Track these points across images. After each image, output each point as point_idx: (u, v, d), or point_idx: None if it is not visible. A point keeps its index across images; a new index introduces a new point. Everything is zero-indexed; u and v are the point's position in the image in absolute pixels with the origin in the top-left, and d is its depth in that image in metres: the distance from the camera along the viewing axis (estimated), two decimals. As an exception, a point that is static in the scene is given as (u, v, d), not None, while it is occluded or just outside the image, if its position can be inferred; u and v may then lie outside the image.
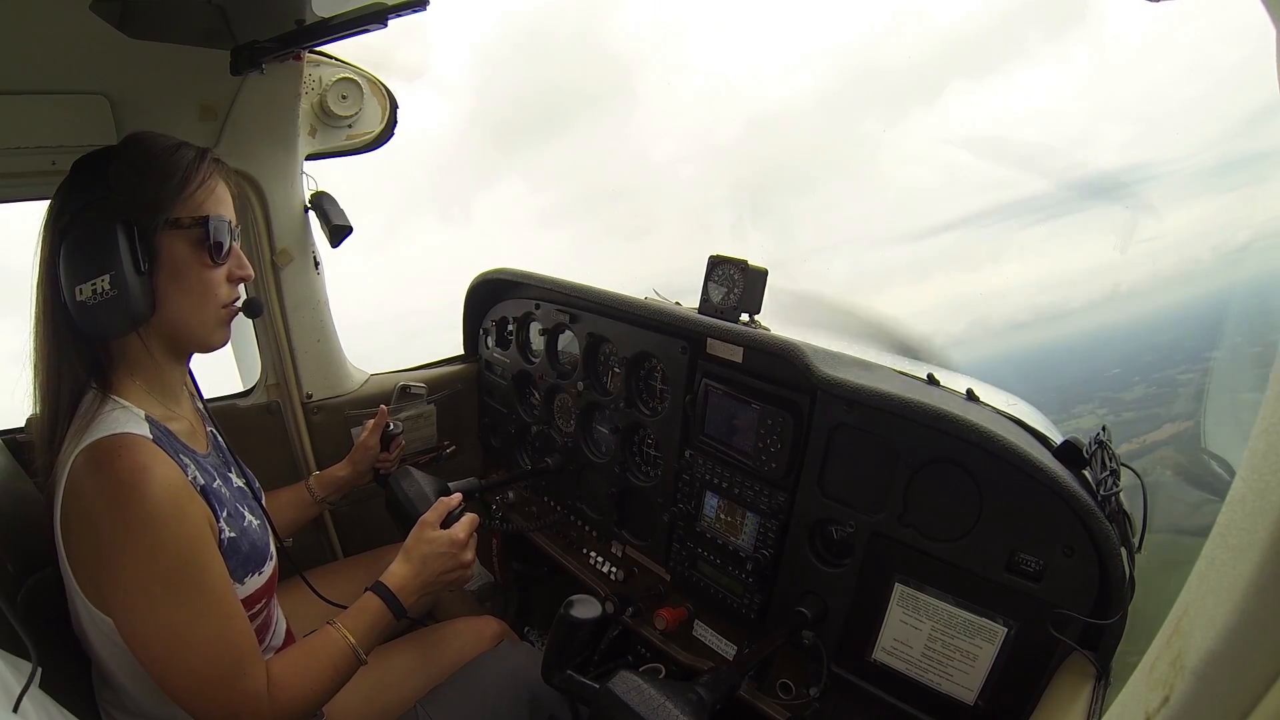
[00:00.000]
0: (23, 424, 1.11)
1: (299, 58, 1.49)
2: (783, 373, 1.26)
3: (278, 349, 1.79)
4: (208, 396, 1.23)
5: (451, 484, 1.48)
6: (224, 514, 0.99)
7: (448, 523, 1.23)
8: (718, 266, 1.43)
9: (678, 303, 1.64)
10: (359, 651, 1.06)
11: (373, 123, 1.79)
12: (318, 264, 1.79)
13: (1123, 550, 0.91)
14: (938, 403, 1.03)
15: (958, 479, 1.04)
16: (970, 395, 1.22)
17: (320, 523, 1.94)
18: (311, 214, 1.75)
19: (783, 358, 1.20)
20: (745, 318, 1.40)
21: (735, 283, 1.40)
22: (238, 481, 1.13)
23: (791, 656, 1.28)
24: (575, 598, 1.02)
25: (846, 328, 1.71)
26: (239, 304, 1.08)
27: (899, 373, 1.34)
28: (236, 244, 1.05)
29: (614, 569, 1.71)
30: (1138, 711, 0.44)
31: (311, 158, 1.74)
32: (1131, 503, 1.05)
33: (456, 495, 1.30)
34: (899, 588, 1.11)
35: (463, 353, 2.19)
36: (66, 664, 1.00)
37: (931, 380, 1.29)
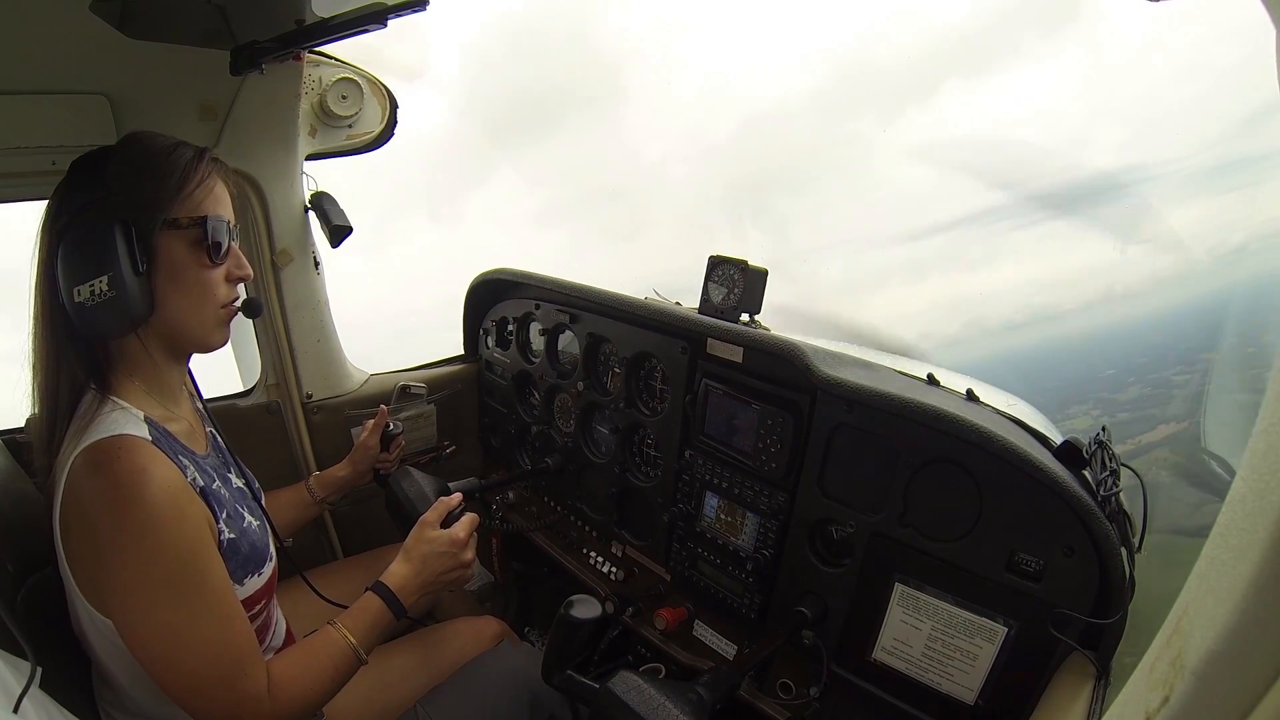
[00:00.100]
0: (23, 424, 1.11)
1: (299, 58, 1.49)
2: (783, 373, 1.26)
3: (278, 349, 1.79)
4: (207, 397, 1.23)
5: (451, 484, 1.48)
6: (223, 515, 0.99)
7: (448, 522, 1.23)
8: (718, 267, 1.43)
9: (678, 303, 1.64)
10: (359, 651, 1.06)
11: (373, 123, 1.79)
12: (318, 264, 1.79)
13: (1123, 550, 0.91)
14: (938, 403, 1.03)
15: (958, 479, 1.04)
16: (970, 395, 1.22)
17: (320, 523, 1.94)
18: (311, 214, 1.75)
19: (783, 358, 1.20)
20: (745, 318, 1.40)
21: (735, 283, 1.40)
22: (237, 482, 1.13)
23: (791, 656, 1.28)
24: (575, 598, 1.02)
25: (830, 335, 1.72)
26: (238, 304, 1.08)
27: (899, 373, 1.34)
28: (235, 244, 1.05)
29: (614, 569, 1.71)
30: (1138, 711, 0.44)
31: (311, 158, 1.74)
32: (1131, 503, 1.05)
33: (456, 495, 1.30)
34: (899, 587, 1.11)
35: (463, 353, 2.19)
36: (66, 664, 0.99)
37: (931, 380, 1.29)
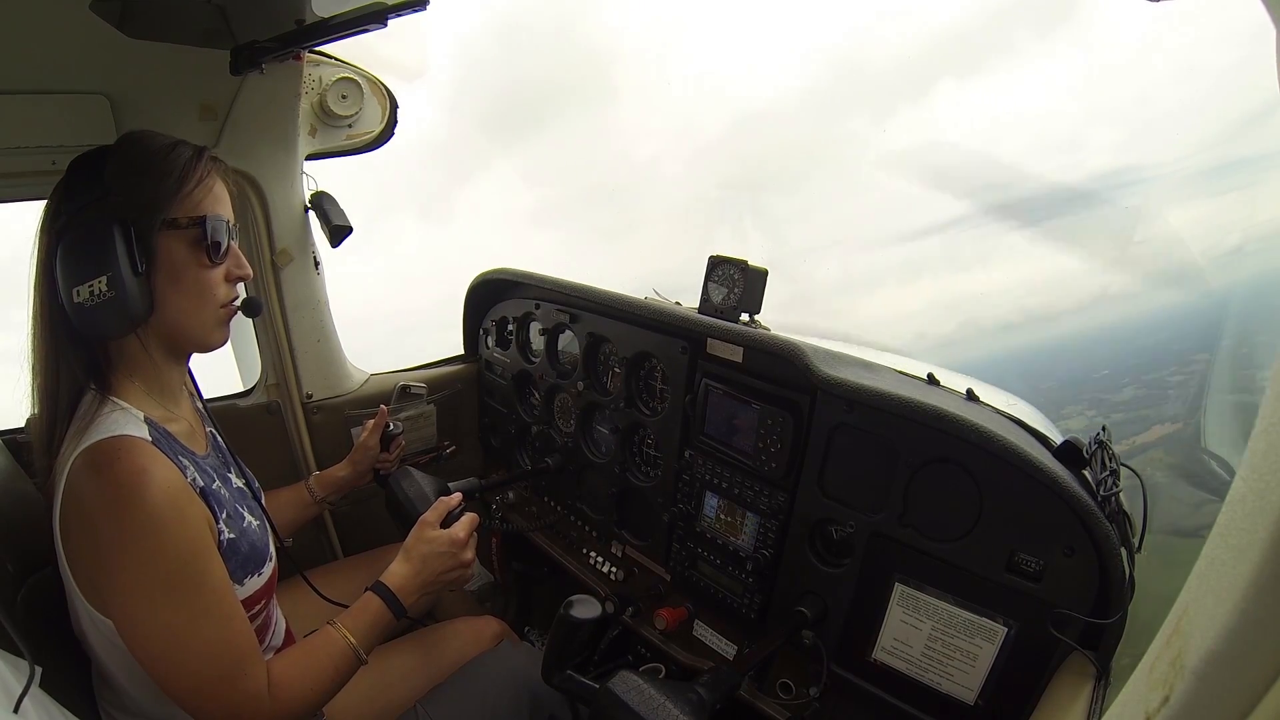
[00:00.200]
0: (23, 424, 1.11)
1: (299, 58, 1.49)
2: (783, 373, 1.26)
3: (278, 349, 1.79)
4: (207, 397, 1.23)
5: (451, 484, 1.48)
6: (223, 515, 0.99)
7: (447, 522, 1.23)
8: (718, 267, 1.43)
9: (678, 302, 1.64)
10: (359, 651, 1.06)
11: (373, 122, 1.79)
12: (318, 264, 1.79)
13: (1123, 550, 0.91)
14: (938, 403, 1.03)
15: (958, 479, 1.04)
16: (970, 395, 1.22)
17: (320, 523, 1.94)
18: (311, 214, 1.75)
19: (783, 358, 1.20)
20: (745, 318, 1.40)
21: (735, 283, 1.40)
22: (237, 482, 1.13)
23: (791, 656, 1.28)
24: (575, 598, 1.02)
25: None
26: (238, 303, 1.08)
27: (899, 373, 1.34)
28: (235, 243, 1.05)
29: (614, 569, 1.70)
30: (1138, 711, 0.44)
31: (311, 158, 1.74)
32: (1131, 503, 1.05)
33: (456, 495, 1.30)
34: (899, 587, 1.11)
35: (462, 353, 2.19)
36: (67, 664, 0.99)
37: (932, 380, 1.29)
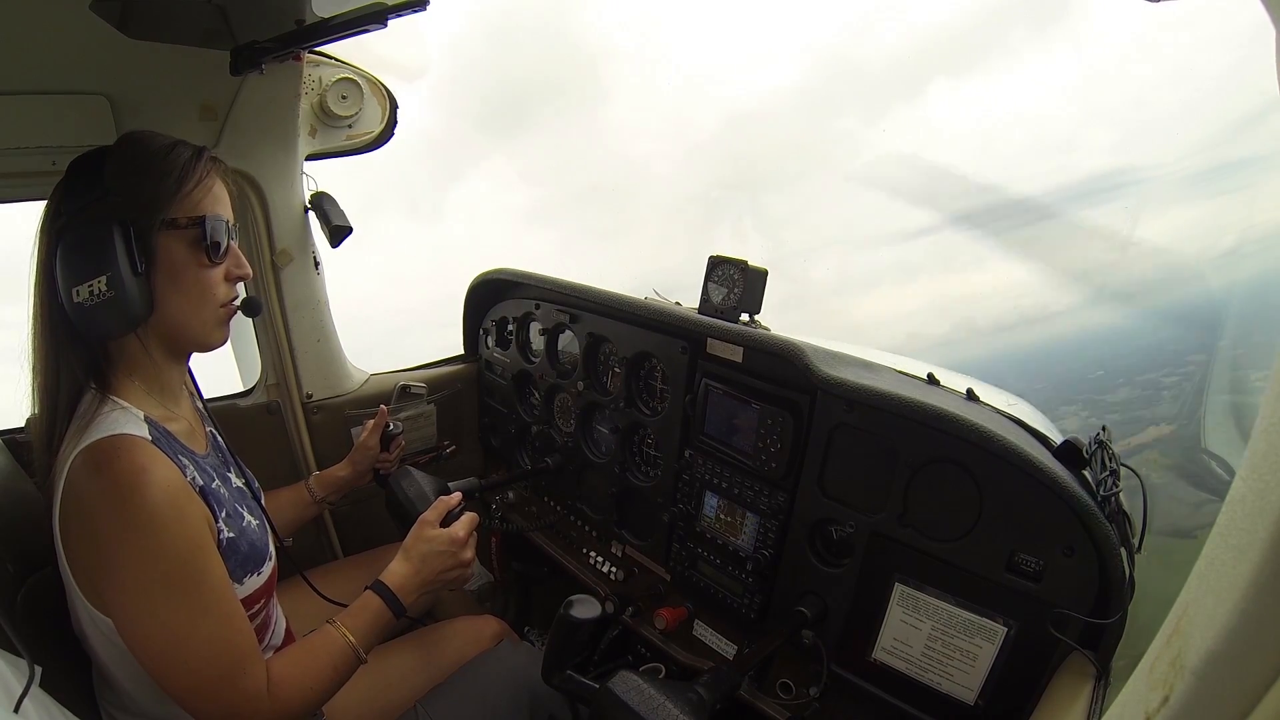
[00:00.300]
0: (23, 424, 1.11)
1: (299, 58, 1.49)
2: (783, 372, 1.26)
3: (278, 349, 1.79)
4: (207, 396, 1.23)
5: (451, 484, 1.47)
6: (223, 514, 0.99)
7: (447, 522, 1.23)
8: (718, 267, 1.43)
9: (677, 302, 1.64)
10: (359, 651, 1.06)
11: (373, 123, 1.79)
12: (318, 264, 1.79)
13: (1123, 550, 0.91)
14: (938, 402, 1.03)
15: (958, 479, 1.04)
16: (970, 395, 1.22)
17: (320, 523, 1.94)
18: (311, 214, 1.75)
19: (783, 357, 1.20)
20: (745, 317, 1.40)
21: (735, 283, 1.40)
22: (237, 482, 1.13)
23: (791, 656, 1.28)
24: (575, 598, 1.02)
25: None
26: (237, 303, 1.08)
27: (899, 372, 1.34)
28: (234, 243, 1.05)
29: (614, 569, 1.71)
30: (1138, 711, 0.44)
31: (311, 158, 1.74)
32: (1131, 503, 1.05)
33: (456, 494, 1.30)
34: (899, 587, 1.11)
35: (462, 352, 2.19)
36: (67, 664, 0.99)
37: (932, 380, 1.29)
